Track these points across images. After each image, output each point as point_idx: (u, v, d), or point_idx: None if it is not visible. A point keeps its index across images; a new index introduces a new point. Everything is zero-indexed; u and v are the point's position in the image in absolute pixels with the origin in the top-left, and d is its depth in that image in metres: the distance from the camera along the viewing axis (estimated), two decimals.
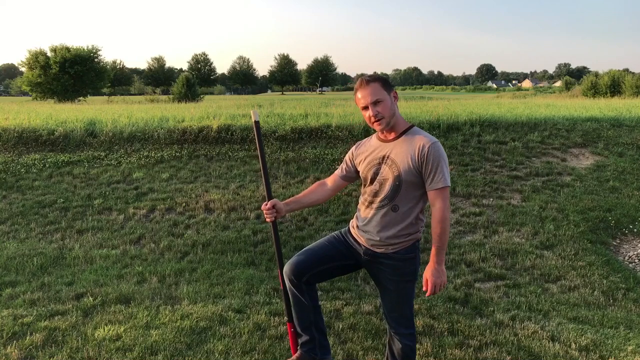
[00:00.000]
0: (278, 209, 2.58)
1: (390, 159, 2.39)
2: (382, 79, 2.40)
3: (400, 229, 2.40)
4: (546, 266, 4.95)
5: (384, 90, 2.36)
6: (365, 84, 2.37)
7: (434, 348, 3.28)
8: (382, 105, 2.35)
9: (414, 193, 2.38)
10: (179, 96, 37.66)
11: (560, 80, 79.07)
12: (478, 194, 6.94)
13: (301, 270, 2.56)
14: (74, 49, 41.75)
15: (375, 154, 2.47)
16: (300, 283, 2.58)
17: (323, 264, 2.59)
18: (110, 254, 5.21)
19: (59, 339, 3.38)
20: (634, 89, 32.76)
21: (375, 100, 2.34)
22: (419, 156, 2.31)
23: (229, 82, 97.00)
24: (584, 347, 3.31)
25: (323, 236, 5.62)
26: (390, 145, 2.42)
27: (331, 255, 2.59)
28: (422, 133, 2.41)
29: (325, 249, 2.60)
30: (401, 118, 2.46)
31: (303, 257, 2.59)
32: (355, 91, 2.43)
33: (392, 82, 41.45)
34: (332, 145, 8.72)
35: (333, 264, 2.60)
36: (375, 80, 2.38)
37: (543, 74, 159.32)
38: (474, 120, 9.86)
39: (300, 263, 2.56)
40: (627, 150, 8.86)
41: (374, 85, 2.35)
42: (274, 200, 2.59)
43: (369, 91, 2.35)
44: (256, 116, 2.67)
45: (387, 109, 2.36)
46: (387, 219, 2.40)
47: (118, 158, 8.36)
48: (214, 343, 3.31)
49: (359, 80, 2.43)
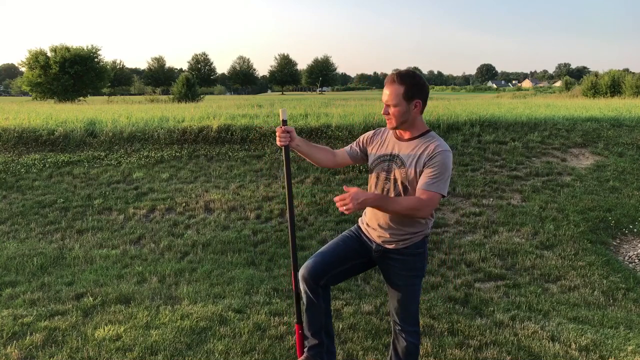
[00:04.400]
0: (292, 136, 2.58)
1: (400, 159, 2.39)
2: (408, 85, 2.30)
3: (410, 226, 2.42)
4: (546, 266, 4.95)
5: (403, 99, 2.30)
6: (390, 83, 2.33)
7: (434, 348, 3.28)
8: (394, 110, 2.34)
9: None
10: (179, 96, 37.65)
11: (560, 80, 79.06)
12: (478, 194, 6.94)
13: (319, 273, 2.53)
14: (74, 49, 41.75)
15: (388, 149, 2.47)
16: (318, 286, 2.55)
17: (341, 265, 2.57)
18: (110, 254, 5.21)
19: (59, 339, 3.38)
20: (634, 89, 32.74)
21: (389, 104, 2.34)
22: (425, 159, 2.31)
23: (229, 82, 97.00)
24: (584, 347, 3.31)
25: (323, 236, 5.66)
26: (403, 145, 2.42)
27: (348, 255, 2.58)
28: (438, 139, 2.37)
29: (341, 249, 2.58)
30: (421, 123, 2.41)
31: (320, 258, 2.55)
32: (385, 83, 2.40)
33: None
34: (332, 145, 8.71)
35: (350, 264, 2.60)
36: (401, 83, 2.30)
37: (543, 74, 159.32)
38: (474, 120, 9.86)
39: (318, 265, 2.53)
40: (627, 150, 8.86)
41: (397, 88, 2.30)
42: (290, 127, 2.59)
43: (389, 92, 2.33)
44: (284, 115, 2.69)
45: (399, 115, 2.33)
46: (396, 218, 2.41)
47: (118, 158, 8.36)
48: (214, 343, 3.31)
49: (391, 74, 2.38)
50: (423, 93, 2.35)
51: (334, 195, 6.78)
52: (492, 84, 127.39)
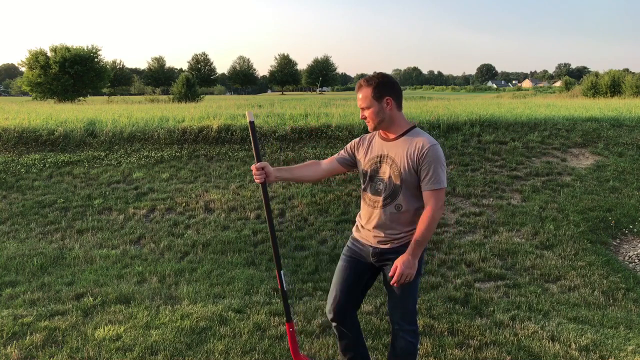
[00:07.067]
0: (267, 171, 2.57)
1: (390, 159, 2.44)
2: (375, 85, 2.41)
3: (404, 225, 2.46)
4: (546, 266, 4.95)
5: (373, 99, 2.41)
6: (359, 88, 2.47)
7: (434, 348, 3.28)
8: (368, 112, 2.44)
9: (414, 191, 2.42)
10: (179, 96, 37.64)
11: (560, 80, 79.04)
12: (478, 194, 6.94)
13: (343, 310, 2.62)
14: (74, 49, 41.69)
15: (376, 152, 2.52)
16: (345, 320, 2.64)
17: (356, 290, 2.64)
18: (110, 254, 5.21)
19: (59, 339, 3.38)
20: (634, 89, 32.72)
21: (362, 107, 2.45)
22: (417, 156, 2.36)
23: (229, 82, 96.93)
24: (584, 347, 3.31)
25: (323, 236, 5.67)
26: (390, 145, 2.47)
27: (356, 278, 2.63)
28: (423, 134, 2.44)
29: (351, 278, 2.62)
30: (401, 119, 2.48)
31: (337, 293, 2.62)
32: (356, 90, 2.52)
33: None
34: (332, 145, 8.71)
35: (363, 284, 2.65)
36: (368, 85, 2.42)
37: (543, 74, 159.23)
38: (474, 120, 9.86)
39: (339, 302, 2.61)
40: (627, 150, 8.86)
41: (365, 91, 2.43)
42: (264, 163, 2.58)
43: (360, 96, 2.45)
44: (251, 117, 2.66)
45: (373, 115, 2.43)
46: (391, 218, 2.45)
47: (118, 158, 8.36)
48: (214, 343, 3.31)
49: (359, 80, 2.50)
50: (393, 90, 2.43)
51: (334, 195, 6.79)
52: (492, 84, 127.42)
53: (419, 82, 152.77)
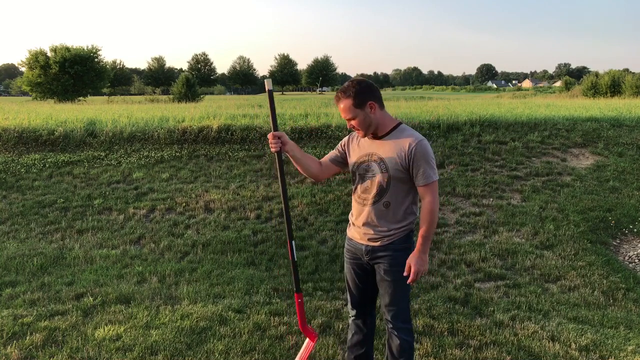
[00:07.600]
0: (284, 140, 2.57)
1: (378, 157, 2.48)
2: (354, 95, 2.39)
3: (394, 222, 2.49)
4: (546, 266, 4.95)
5: (356, 108, 2.41)
6: (338, 101, 2.46)
7: (434, 348, 3.28)
8: (355, 122, 2.45)
9: (403, 187, 2.46)
10: (179, 96, 37.63)
11: (560, 80, 79.07)
12: (478, 194, 6.94)
13: (362, 307, 2.73)
14: (74, 49, 41.67)
15: (365, 151, 2.54)
16: (366, 316, 2.75)
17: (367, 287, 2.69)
18: (110, 254, 5.21)
19: (59, 339, 3.38)
20: (634, 89, 32.73)
21: (347, 118, 2.46)
22: (406, 154, 2.40)
23: (229, 82, 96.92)
24: (584, 347, 3.31)
25: (323, 236, 5.67)
26: (378, 144, 2.50)
27: (363, 277, 2.68)
28: (409, 131, 2.48)
29: (356, 276, 2.69)
30: (387, 118, 2.50)
31: (353, 293, 2.73)
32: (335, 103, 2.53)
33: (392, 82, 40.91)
34: (332, 145, 8.71)
35: (370, 280, 2.68)
36: (347, 97, 2.41)
37: (543, 74, 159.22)
38: (474, 120, 9.86)
39: (358, 301, 2.72)
40: (627, 150, 8.86)
41: (345, 102, 2.42)
42: (280, 132, 2.58)
43: (341, 109, 2.46)
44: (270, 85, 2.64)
45: (361, 123, 2.44)
46: (380, 215, 2.49)
47: (118, 158, 8.36)
48: (214, 343, 3.31)
49: (336, 93, 2.50)
50: (372, 93, 2.44)
51: (333, 195, 6.79)
52: (492, 84, 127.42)
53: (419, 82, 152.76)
